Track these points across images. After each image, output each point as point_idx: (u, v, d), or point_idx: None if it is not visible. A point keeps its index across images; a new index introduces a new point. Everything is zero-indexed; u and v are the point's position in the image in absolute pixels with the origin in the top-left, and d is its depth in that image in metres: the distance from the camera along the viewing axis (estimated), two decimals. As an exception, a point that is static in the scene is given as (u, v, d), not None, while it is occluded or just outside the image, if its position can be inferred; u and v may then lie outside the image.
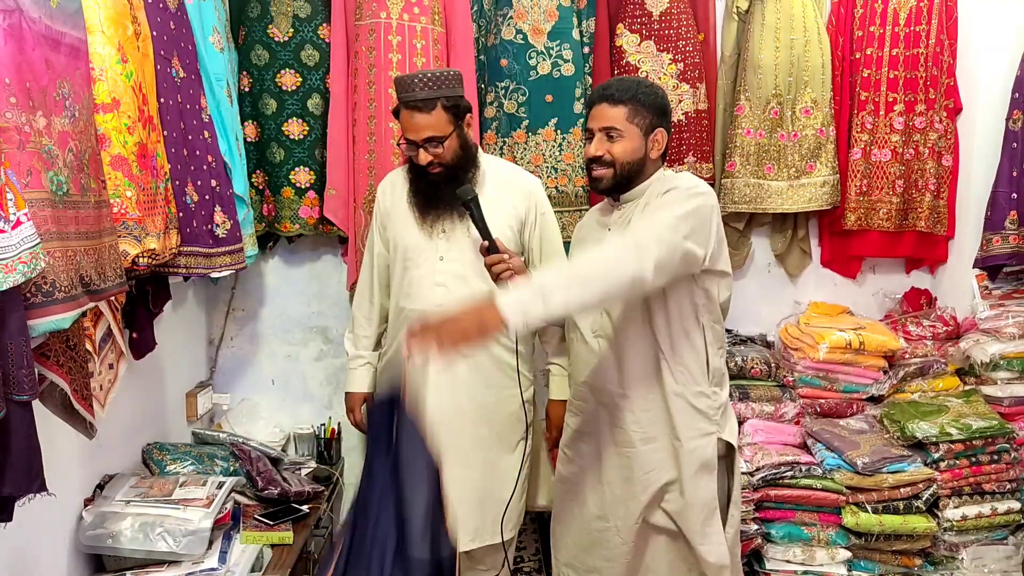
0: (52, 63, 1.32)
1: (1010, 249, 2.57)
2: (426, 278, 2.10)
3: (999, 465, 2.42)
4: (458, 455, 2.08)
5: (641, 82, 1.86)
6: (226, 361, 2.94)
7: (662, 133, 1.84)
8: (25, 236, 1.15)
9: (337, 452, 2.83)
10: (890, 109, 2.81)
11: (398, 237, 2.15)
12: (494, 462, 2.15)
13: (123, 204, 1.61)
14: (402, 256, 2.14)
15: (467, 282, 2.09)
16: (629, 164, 1.82)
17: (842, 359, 2.60)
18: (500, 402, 2.14)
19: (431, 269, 2.10)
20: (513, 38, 2.67)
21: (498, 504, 2.13)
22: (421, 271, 2.11)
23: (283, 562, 2.09)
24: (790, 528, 2.37)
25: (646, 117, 1.81)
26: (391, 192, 2.20)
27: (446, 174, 2.03)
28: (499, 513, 2.13)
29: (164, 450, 2.31)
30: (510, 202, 2.12)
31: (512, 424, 2.16)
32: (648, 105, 1.81)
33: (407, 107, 2.01)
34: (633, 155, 1.82)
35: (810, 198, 2.82)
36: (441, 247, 2.10)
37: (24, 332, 1.20)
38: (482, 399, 2.12)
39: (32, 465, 1.28)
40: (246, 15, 2.62)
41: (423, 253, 2.10)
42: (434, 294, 2.09)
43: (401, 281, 2.15)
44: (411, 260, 2.12)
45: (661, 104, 1.84)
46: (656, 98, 1.83)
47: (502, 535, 2.14)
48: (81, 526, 1.88)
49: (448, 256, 2.09)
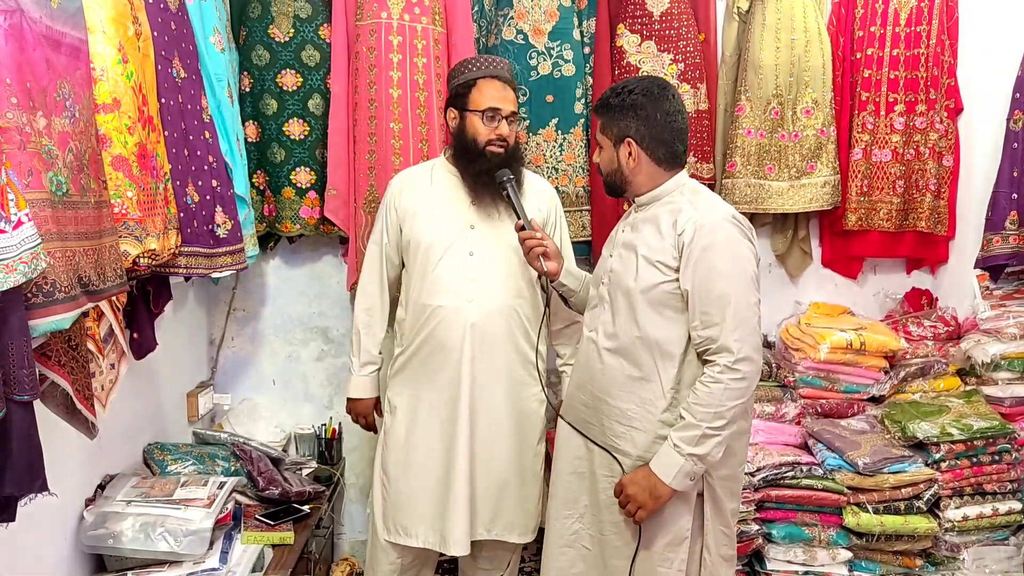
0: (53, 63, 1.32)
1: (1010, 249, 2.57)
2: (457, 274, 2.09)
3: (1000, 465, 2.42)
4: (486, 448, 2.11)
5: (619, 86, 1.79)
6: (227, 361, 2.94)
7: (632, 144, 1.75)
8: (26, 236, 1.15)
9: (338, 452, 2.83)
10: (891, 109, 2.81)
11: (422, 234, 2.12)
12: (518, 461, 2.16)
13: (124, 204, 1.61)
14: (424, 252, 2.11)
15: (497, 278, 2.10)
16: (608, 176, 1.83)
17: (843, 359, 2.60)
18: (524, 400, 2.16)
19: (462, 264, 2.09)
20: (514, 38, 2.67)
21: (518, 502, 2.15)
22: (453, 266, 2.09)
23: (284, 562, 2.09)
24: (791, 528, 2.37)
25: (614, 127, 1.77)
26: (412, 189, 2.18)
27: (506, 157, 2.07)
28: (517, 512, 2.15)
29: (165, 450, 2.32)
30: (535, 203, 2.16)
31: (534, 423, 2.18)
32: (616, 111, 1.76)
33: (499, 79, 2.06)
34: (608, 166, 1.81)
35: (811, 198, 2.82)
36: (471, 242, 2.10)
37: (25, 332, 1.20)
38: (509, 394, 2.13)
39: (33, 465, 1.28)
40: (247, 15, 2.62)
41: (454, 248, 2.09)
42: (465, 289, 2.08)
43: (424, 278, 2.11)
44: (439, 256, 2.09)
45: (632, 108, 1.74)
46: (625, 104, 1.74)
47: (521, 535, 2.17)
48: (82, 526, 1.88)
49: (478, 251, 2.10)
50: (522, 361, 2.14)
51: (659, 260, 1.73)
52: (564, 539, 1.92)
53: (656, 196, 1.80)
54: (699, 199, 1.77)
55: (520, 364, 2.14)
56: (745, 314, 1.67)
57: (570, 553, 1.91)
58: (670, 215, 1.74)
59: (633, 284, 1.76)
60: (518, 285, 2.13)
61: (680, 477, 1.67)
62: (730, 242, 1.69)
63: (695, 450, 1.65)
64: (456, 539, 2.09)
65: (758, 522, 2.38)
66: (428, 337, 2.11)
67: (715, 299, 1.66)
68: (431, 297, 2.10)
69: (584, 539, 1.89)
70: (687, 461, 1.66)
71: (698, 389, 1.67)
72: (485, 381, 2.10)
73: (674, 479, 1.67)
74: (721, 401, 1.64)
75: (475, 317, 2.08)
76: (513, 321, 2.12)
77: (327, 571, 2.76)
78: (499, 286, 2.10)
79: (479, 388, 2.10)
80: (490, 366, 2.10)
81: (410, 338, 2.15)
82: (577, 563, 1.90)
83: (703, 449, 1.65)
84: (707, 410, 1.64)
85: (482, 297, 2.08)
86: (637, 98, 1.75)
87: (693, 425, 1.66)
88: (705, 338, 1.68)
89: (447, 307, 2.08)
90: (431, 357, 2.12)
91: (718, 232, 1.69)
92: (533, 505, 2.19)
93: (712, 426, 1.65)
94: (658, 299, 1.73)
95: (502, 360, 2.11)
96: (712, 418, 1.64)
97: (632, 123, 1.76)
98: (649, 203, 1.82)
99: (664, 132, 1.76)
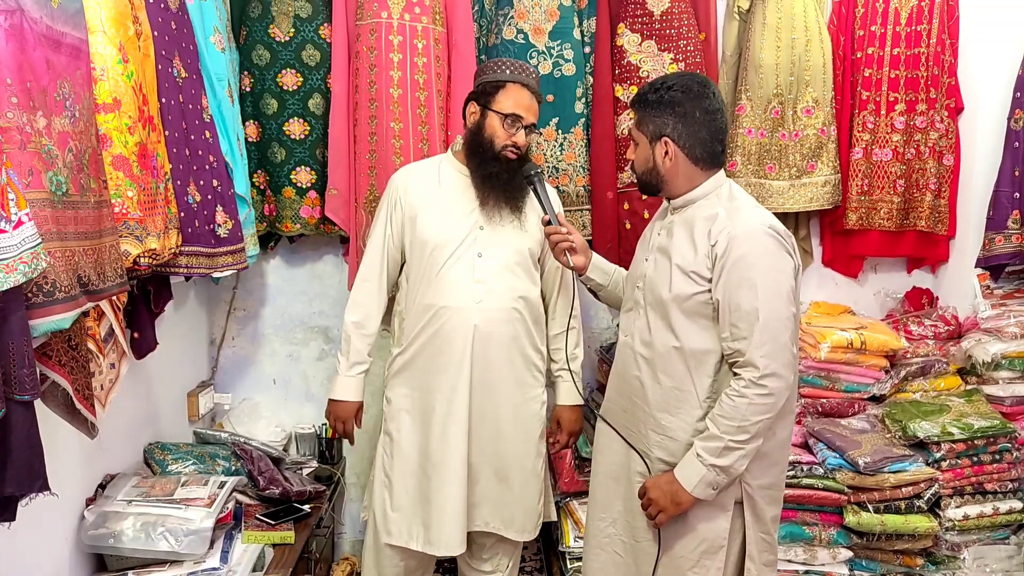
0: (53, 63, 1.32)
1: (1012, 248, 2.57)
2: (465, 275, 2.07)
3: (1001, 465, 2.42)
4: (487, 449, 2.11)
5: (657, 82, 1.73)
6: (227, 361, 2.94)
7: (669, 144, 1.70)
8: (26, 236, 1.15)
9: (339, 452, 2.83)
10: (891, 108, 2.81)
11: (429, 233, 2.09)
12: (519, 461, 2.15)
13: (124, 204, 1.61)
14: (430, 251, 2.08)
15: (504, 279, 2.09)
16: (643, 174, 1.77)
17: (843, 358, 2.60)
18: (526, 402, 2.15)
19: (470, 265, 2.07)
20: (514, 38, 2.67)
21: (518, 500, 2.15)
22: (460, 267, 2.07)
23: (285, 562, 2.09)
24: (792, 528, 2.37)
25: (650, 124, 1.72)
26: (418, 186, 2.14)
27: (517, 164, 2.06)
28: (516, 509, 2.15)
29: (166, 450, 2.32)
30: None
31: (535, 424, 2.18)
32: (653, 108, 1.71)
33: (526, 87, 2.04)
34: (643, 164, 1.76)
35: (811, 198, 2.82)
36: (480, 244, 2.08)
37: (25, 332, 1.20)
38: (512, 397, 2.13)
39: (34, 465, 1.28)
40: (247, 15, 2.62)
41: (462, 249, 2.07)
42: (473, 291, 2.07)
43: (431, 278, 2.08)
44: (447, 256, 2.07)
45: (670, 105, 1.68)
46: (663, 100, 1.69)
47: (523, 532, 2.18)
48: (83, 526, 1.88)
49: (487, 253, 2.08)
50: (525, 363, 2.14)
51: (693, 271, 1.69)
52: (598, 541, 1.91)
53: (692, 199, 1.74)
54: (735, 205, 1.71)
55: (524, 366, 2.14)
56: (775, 330, 1.62)
57: (602, 556, 1.91)
58: (705, 223, 1.69)
59: (667, 294, 1.72)
60: (524, 287, 2.13)
61: (702, 486, 1.66)
62: (764, 254, 1.65)
63: (717, 461, 1.64)
64: (446, 541, 2.08)
65: (759, 521, 2.38)
66: (432, 338, 2.09)
67: (744, 313, 1.62)
68: (437, 297, 2.08)
69: (616, 544, 1.88)
70: (709, 471, 1.64)
71: (724, 401, 1.65)
72: (487, 383, 2.09)
73: (696, 488, 1.66)
74: (745, 415, 1.61)
75: (480, 319, 2.07)
76: (517, 323, 2.11)
77: (328, 570, 2.76)
78: (505, 288, 2.09)
79: (481, 390, 2.09)
80: (493, 368, 2.09)
81: (411, 338, 2.12)
82: (608, 567, 1.89)
83: (725, 461, 1.64)
84: (731, 423, 1.62)
85: (488, 299, 2.07)
86: (676, 95, 1.69)
87: (716, 437, 1.64)
88: (734, 351, 1.66)
89: (452, 308, 2.06)
90: (434, 358, 2.10)
91: (752, 244, 1.64)
92: (533, 504, 2.19)
93: (735, 439, 1.62)
94: (693, 309, 1.70)
95: (505, 362, 2.10)
96: (735, 432, 1.62)
97: (670, 120, 1.70)
98: (685, 205, 1.76)
99: (703, 131, 1.70)
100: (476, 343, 2.07)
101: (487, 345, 2.08)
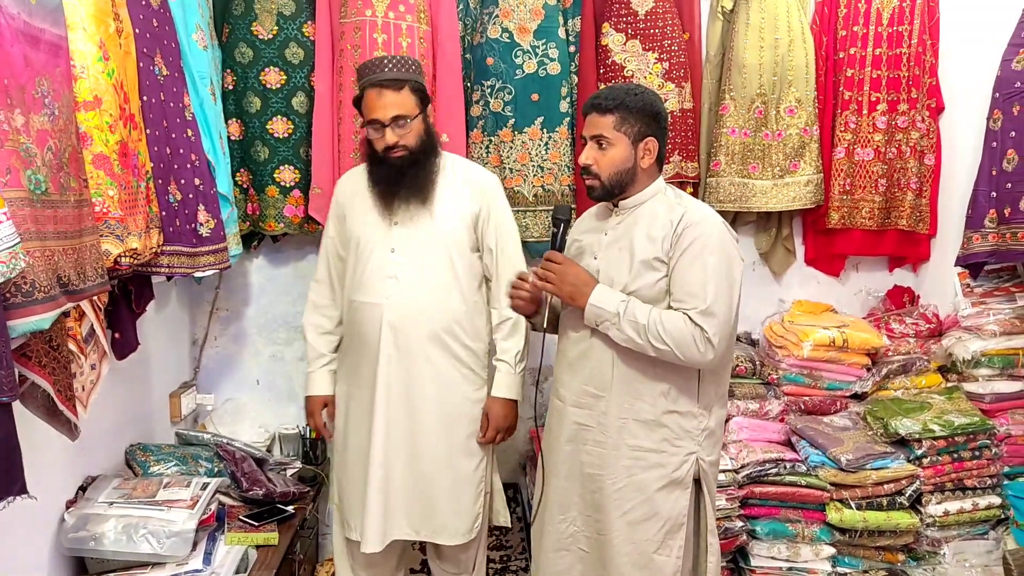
0: (31, 60, 1.30)
1: (989, 247, 2.59)
2: (379, 270, 2.09)
3: (980, 461, 2.45)
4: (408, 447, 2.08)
5: (632, 88, 1.84)
6: (210, 361, 2.92)
7: (653, 142, 1.81)
8: (4, 235, 1.14)
9: (323, 452, 2.82)
10: (873, 108, 2.84)
11: (353, 229, 2.14)
12: (447, 461, 2.11)
13: (105, 203, 1.59)
14: (355, 248, 2.13)
15: (418, 273, 2.08)
16: (616, 174, 1.82)
17: (826, 357, 2.62)
18: (454, 402, 2.12)
19: (383, 261, 2.09)
20: (499, 37, 2.67)
21: (448, 504, 2.11)
22: (374, 263, 2.09)
23: (268, 563, 2.08)
24: (775, 525, 2.38)
25: (634, 125, 1.79)
26: (351, 189, 2.20)
27: (409, 159, 2.04)
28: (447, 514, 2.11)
29: (148, 451, 2.30)
30: (466, 195, 2.13)
31: (466, 424, 2.14)
32: (637, 112, 1.79)
33: (375, 86, 2.01)
34: (622, 164, 1.81)
35: (794, 197, 2.84)
36: (393, 239, 2.09)
37: (4, 333, 1.19)
38: (437, 395, 2.10)
39: (12, 467, 1.26)
40: (230, 12, 2.60)
41: (377, 245, 2.10)
42: (385, 286, 2.08)
43: (354, 274, 2.13)
44: (365, 252, 2.11)
45: (652, 111, 1.81)
46: (646, 104, 1.80)
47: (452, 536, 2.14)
48: (63, 528, 1.86)
49: (399, 248, 2.09)
50: (451, 360, 2.11)
51: (655, 257, 1.77)
52: (560, 543, 1.92)
53: (643, 198, 1.85)
54: (687, 201, 1.85)
55: (448, 363, 2.11)
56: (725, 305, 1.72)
57: (567, 557, 1.91)
58: (666, 211, 1.80)
59: (627, 278, 1.79)
60: (445, 280, 2.10)
61: (598, 309, 1.75)
62: (721, 242, 1.76)
63: (626, 319, 1.73)
64: (368, 537, 2.07)
65: (742, 519, 2.39)
66: (352, 334, 2.15)
67: (697, 285, 1.72)
68: (354, 293, 2.13)
69: (580, 542, 1.90)
70: (617, 316, 1.74)
71: (675, 314, 1.71)
72: (405, 380, 2.08)
73: (599, 302, 1.76)
74: (677, 339, 1.69)
75: (393, 315, 2.06)
76: (437, 321, 2.08)
77: (312, 572, 2.75)
78: (420, 283, 2.08)
79: (397, 387, 2.07)
80: (409, 365, 2.07)
81: (343, 334, 2.21)
82: (576, 565, 1.91)
83: (625, 326, 1.72)
84: (662, 330, 1.69)
85: (402, 295, 2.06)
86: (654, 99, 1.83)
87: (642, 312, 1.72)
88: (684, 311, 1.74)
89: (367, 303, 2.09)
90: (355, 354, 2.14)
91: (709, 228, 1.76)
92: (468, 507, 2.15)
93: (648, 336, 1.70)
94: (653, 297, 1.78)
95: (422, 360, 2.08)
96: (657, 336, 1.70)
97: (652, 123, 1.81)
98: (635, 205, 1.85)
99: (666, 135, 1.87)
100: (389, 340, 2.06)
101: (400, 341, 2.07)
